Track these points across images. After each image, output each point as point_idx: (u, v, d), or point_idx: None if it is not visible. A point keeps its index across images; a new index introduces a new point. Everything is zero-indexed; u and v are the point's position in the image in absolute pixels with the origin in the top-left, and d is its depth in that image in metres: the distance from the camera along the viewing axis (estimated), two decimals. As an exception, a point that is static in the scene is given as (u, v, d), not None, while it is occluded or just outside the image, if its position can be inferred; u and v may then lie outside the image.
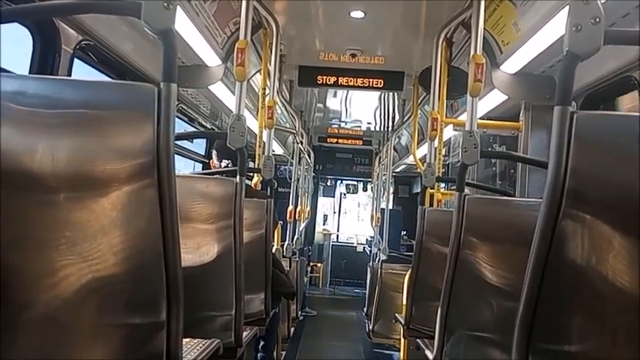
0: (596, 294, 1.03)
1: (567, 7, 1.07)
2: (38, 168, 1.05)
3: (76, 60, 2.38)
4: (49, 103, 1.10)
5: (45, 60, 2.21)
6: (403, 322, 2.84)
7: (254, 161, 3.56)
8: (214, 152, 3.20)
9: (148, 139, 1.10)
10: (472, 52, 2.29)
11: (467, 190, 2.10)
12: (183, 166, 4.93)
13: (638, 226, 1.00)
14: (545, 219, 1.05)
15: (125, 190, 1.12)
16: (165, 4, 1.09)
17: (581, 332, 1.05)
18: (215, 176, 2.80)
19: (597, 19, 1.04)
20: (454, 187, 2.08)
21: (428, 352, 2.19)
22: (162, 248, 1.13)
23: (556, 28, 2.48)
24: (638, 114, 1.01)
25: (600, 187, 1.04)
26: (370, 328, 5.03)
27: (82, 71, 2.62)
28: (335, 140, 8.96)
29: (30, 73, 2.17)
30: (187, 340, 1.72)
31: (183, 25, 2.87)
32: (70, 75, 2.30)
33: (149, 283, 1.17)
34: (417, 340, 2.43)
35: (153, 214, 1.13)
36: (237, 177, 2.05)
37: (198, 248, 2.02)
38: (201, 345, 1.70)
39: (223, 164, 3.15)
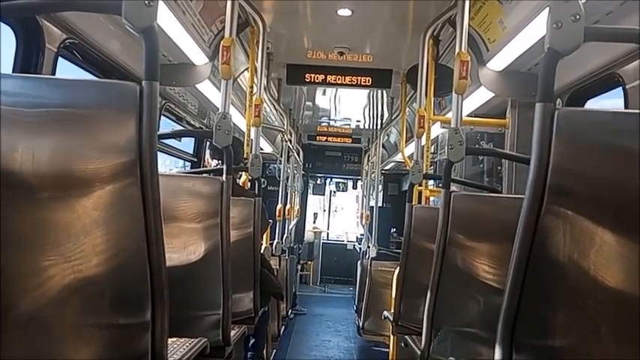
0: (578, 288, 1.04)
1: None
2: (19, 168, 1.04)
3: (61, 59, 2.36)
4: (30, 101, 1.09)
5: (28, 59, 2.18)
6: (392, 319, 2.85)
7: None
8: (208, 150, 3.20)
9: (130, 137, 1.09)
10: (457, 50, 2.30)
11: (454, 187, 2.11)
12: (174, 165, 4.91)
13: (619, 221, 1.01)
14: (527, 215, 1.06)
15: (108, 190, 1.11)
16: (147, 2, 1.08)
17: (564, 326, 1.06)
18: (203, 175, 2.80)
19: (577, 17, 1.04)
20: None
21: (415, 349, 2.20)
22: (146, 248, 1.13)
23: (541, 25, 2.50)
24: (617, 110, 1.02)
25: (582, 183, 1.05)
26: (360, 325, 5.04)
27: (68, 70, 2.60)
28: (324, 138, 8.96)
29: (13, 72, 2.15)
30: (174, 339, 1.71)
31: (170, 23, 2.86)
32: (54, 74, 2.28)
33: (133, 283, 1.16)
34: (405, 336, 2.43)
35: (136, 213, 1.12)
36: (224, 175, 2.04)
37: (184, 247, 2.01)
38: (187, 344, 1.69)
39: (214, 163, 3.14)
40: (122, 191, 1.12)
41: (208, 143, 3.24)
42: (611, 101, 2.66)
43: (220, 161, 3.06)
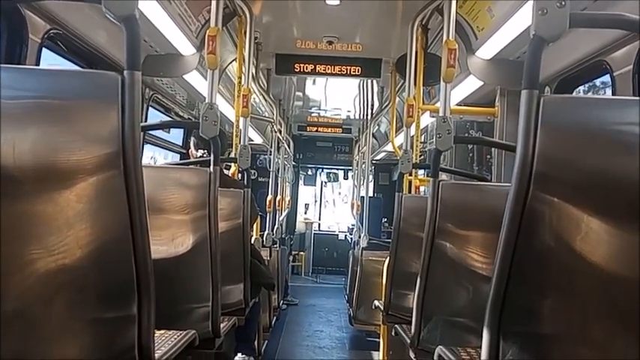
0: (564, 275, 1.04)
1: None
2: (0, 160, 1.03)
3: (45, 50, 2.33)
4: (10, 92, 1.07)
5: (12, 50, 2.15)
6: (382, 309, 2.86)
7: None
8: (192, 141, 3.18)
9: (112, 128, 1.08)
10: (445, 38, 2.29)
11: (444, 176, 2.11)
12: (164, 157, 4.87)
13: (604, 207, 1.01)
14: (513, 202, 1.05)
15: (91, 182, 1.09)
16: (127, -10, 1.07)
17: (550, 312, 1.06)
18: (190, 166, 2.78)
19: (563, 3, 1.04)
20: (432, 174, 2.08)
21: (405, 337, 2.21)
22: (131, 240, 1.12)
23: (529, 13, 2.49)
24: (602, 96, 1.02)
25: (567, 170, 1.04)
26: (352, 315, 5.06)
27: (53, 62, 2.56)
28: (315, 129, 8.93)
29: (-4, 63, 2.11)
30: (162, 332, 1.71)
31: (155, 12, 2.82)
32: (38, 65, 2.24)
33: (118, 276, 1.15)
34: (396, 325, 2.44)
35: (120, 205, 1.11)
36: (211, 166, 2.03)
37: (172, 240, 2.00)
38: (176, 336, 1.68)
39: (199, 154, 3.12)
40: (105, 183, 1.10)
41: (193, 133, 3.20)
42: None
43: (205, 152, 3.04)
